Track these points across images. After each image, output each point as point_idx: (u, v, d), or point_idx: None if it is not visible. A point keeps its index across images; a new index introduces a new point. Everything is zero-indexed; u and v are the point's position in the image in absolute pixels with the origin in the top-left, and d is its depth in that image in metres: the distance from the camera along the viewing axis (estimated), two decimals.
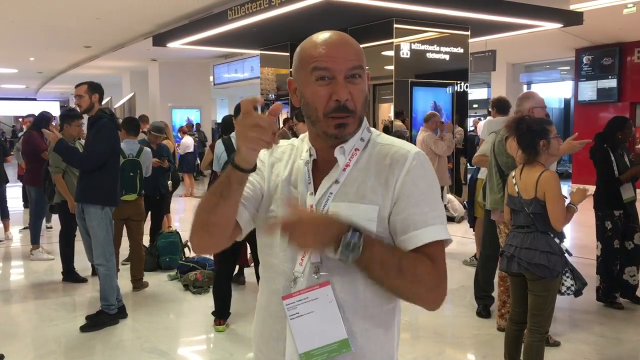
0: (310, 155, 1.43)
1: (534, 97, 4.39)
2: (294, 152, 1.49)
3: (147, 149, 5.94)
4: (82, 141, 6.17)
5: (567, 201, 3.39)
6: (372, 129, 1.47)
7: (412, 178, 1.35)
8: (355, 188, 1.36)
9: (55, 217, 7.00)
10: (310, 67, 1.34)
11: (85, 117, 4.96)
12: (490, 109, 12.51)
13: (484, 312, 4.85)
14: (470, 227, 7.06)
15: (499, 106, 6.46)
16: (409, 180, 1.34)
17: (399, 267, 1.28)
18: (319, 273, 1.34)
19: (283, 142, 1.52)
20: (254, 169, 1.30)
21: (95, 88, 4.64)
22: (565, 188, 11.11)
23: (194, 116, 18.21)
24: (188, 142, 13.92)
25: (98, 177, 4.54)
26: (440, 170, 7.07)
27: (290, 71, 1.44)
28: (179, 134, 14.95)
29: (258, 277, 2.64)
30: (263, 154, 1.49)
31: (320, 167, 1.42)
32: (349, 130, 1.36)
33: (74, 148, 4.73)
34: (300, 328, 1.32)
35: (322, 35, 1.37)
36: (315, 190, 1.39)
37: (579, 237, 8.13)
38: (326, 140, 1.39)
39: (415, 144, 9.95)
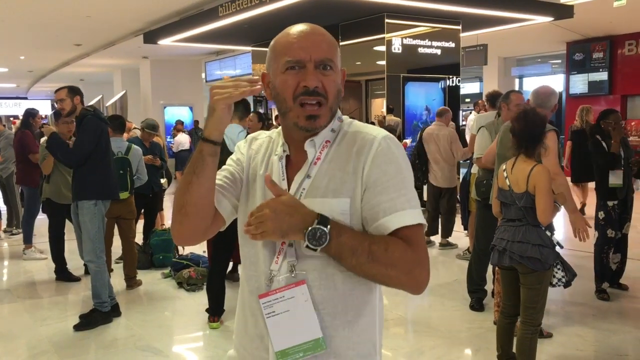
0: (284, 150, 1.42)
1: (557, 93, 4.35)
2: (271, 145, 1.48)
3: (135, 147, 5.90)
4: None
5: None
6: (345, 117, 1.44)
7: (379, 164, 1.32)
8: (326, 182, 1.34)
9: (39, 219, 6.95)
10: (282, 59, 1.34)
11: None
12: (475, 103, 12.54)
13: (477, 305, 4.87)
14: (462, 224, 7.07)
15: (493, 100, 6.46)
16: (375, 167, 1.32)
17: (370, 252, 1.26)
18: (295, 272, 1.33)
19: (261, 135, 1.52)
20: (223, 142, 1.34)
21: (74, 91, 4.68)
22: None
23: (186, 114, 18.15)
24: (182, 140, 13.88)
25: (89, 172, 4.55)
26: (454, 169, 7.11)
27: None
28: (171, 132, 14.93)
29: None
30: (242, 145, 1.51)
31: (294, 162, 1.41)
32: (321, 122, 1.34)
33: (65, 143, 4.77)
34: (276, 326, 1.33)
35: (296, 28, 1.37)
36: (289, 186, 1.38)
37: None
38: (299, 133, 1.37)
39: (414, 138, 9.92)
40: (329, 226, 1.25)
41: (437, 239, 7.16)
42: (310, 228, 1.24)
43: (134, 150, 5.80)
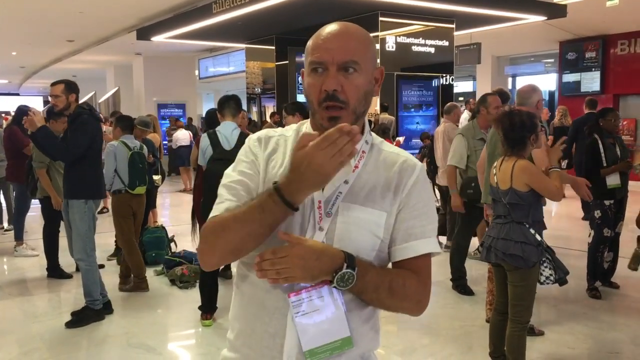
0: None
1: (540, 90, 4.38)
2: (288, 142, 1.44)
3: (145, 146, 5.91)
4: None
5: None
6: (372, 133, 1.48)
7: (418, 190, 1.40)
8: (366, 192, 1.36)
9: (30, 216, 6.94)
10: (308, 59, 1.36)
11: None
12: (466, 102, 12.55)
13: (467, 290, 5.22)
14: None
15: (503, 98, 6.47)
16: (415, 192, 1.39)
17: (390, 288, 1.33)
18: None
19: (272, 133, 1.48)
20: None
21: (71, 88, 4.60)
22: None
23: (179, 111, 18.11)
24: (179, 136, 13.81)
25: (80, 171, 4.52)
26: None
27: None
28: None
29: None
30: (255, 145, 1.46)
31: None
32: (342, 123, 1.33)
33: (55, 137, 4.62)
34: (305, 326, 1.31)
35: (327, 28, 1.37)
36: (323, 188, 1.36)
37: (564, 227, 8.21)
38: None
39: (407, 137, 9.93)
40: (356, 268, 1.28)
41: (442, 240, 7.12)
42: (339, 273, 1.27)
43: (144, 148, 5.80)
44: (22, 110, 7.42)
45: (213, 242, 1.33)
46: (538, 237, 3.31)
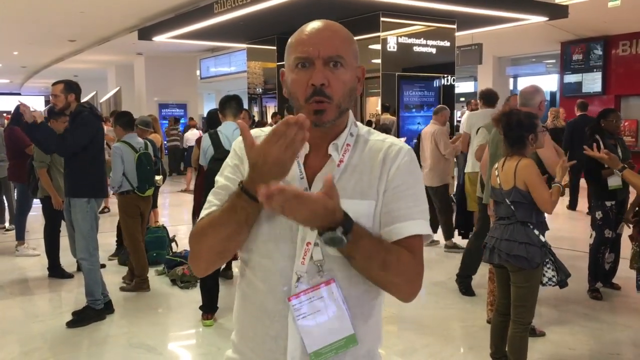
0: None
1: (542, 91, 4.37)
2: None
3: (149, 144, 5.88)
4: None
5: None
6: (359, 123, 1.46)
7: (402, 172, 1.37)
8: (353, 184, 1.35)
9: (32, 215, 6.95)
10: (292, 55, 1.35)
11: None
12: (467, 102, 12.54)
13: (470, 291, 5.17)
14: (455, 226, 6.98)
15: (486, 98, 6.48)
16: (399, 174, 1.36)
17: (384, 260, 1.29)
18: (322, 271, 1.32)
19: (261, 132, 1.48)
20: None
21: (71, 87, 4.61)
22: None
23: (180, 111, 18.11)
24: (189, 136, 13.86)
25: (82, 170, 4.52)
26: (445, 168, 6.97)
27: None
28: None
29: None
30: (239, 147, 1.45)
31: (311, 162, 1.39)
32: (327, 117, 1.33)
33: (54, 131, 4.60)
34: (308, 328, 1.31)
35: (310, 24, 1.37)
36: (309, 185, 1.36)
37: (565, 228, 8.20)
38: (312, 131, 1.34)
39: (409, 137, 9.94)
40: (349, 234, 1.22)
41: (439, 238, 7.08)
42: (331, 234, 1.20)
43: (150, 147, 5.77)
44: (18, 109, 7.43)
45: (196, 249, 1.37)
46: (542, 238, 3.31)
